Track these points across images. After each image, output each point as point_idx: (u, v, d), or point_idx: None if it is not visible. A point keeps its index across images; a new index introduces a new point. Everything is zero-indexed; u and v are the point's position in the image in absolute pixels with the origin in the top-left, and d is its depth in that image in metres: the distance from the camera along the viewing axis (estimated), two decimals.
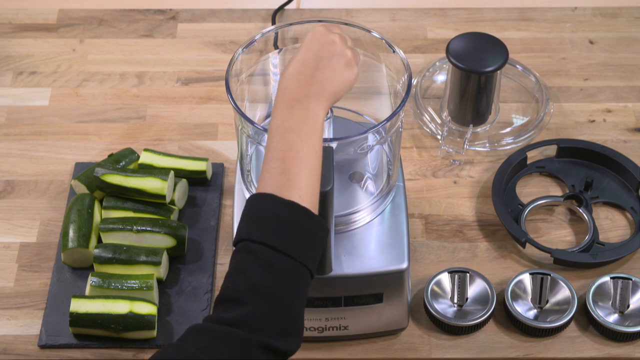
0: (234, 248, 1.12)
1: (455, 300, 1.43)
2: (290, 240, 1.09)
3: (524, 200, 1.55)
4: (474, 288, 1.44)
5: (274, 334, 1.05)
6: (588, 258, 1.46)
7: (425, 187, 1.59)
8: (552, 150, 1.61)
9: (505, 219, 1.49)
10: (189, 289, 1.46)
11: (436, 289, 1.43)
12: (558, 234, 1.52)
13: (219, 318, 1.06)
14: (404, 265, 1.33)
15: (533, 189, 1.58)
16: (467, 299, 1.43)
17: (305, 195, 1.11)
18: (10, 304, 1.46)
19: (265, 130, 1.25)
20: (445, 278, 1.44)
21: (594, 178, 1.57)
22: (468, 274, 1.44)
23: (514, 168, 1.57)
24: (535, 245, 1.46)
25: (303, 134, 1.12)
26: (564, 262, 1.47)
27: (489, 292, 1.42)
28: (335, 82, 1.16)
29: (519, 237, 1.47)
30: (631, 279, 1.43)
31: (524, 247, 1.47)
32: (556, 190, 1.58)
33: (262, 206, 1.11)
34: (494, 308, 1.41)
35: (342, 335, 1.40)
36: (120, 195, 1.52)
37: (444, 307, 1.42)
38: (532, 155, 1.60)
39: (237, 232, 1.12)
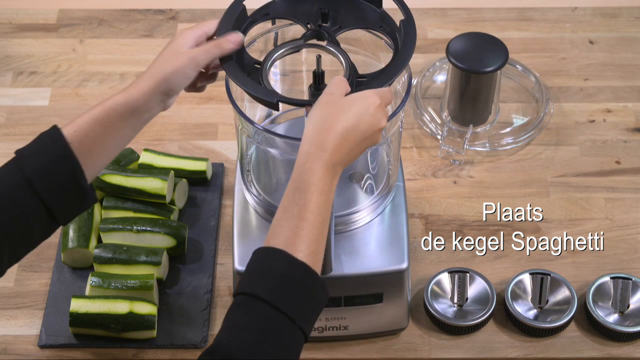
0: (233, 298, 1.08)
1: (455, 300, 1.43)
2: (295, 302, 1.06)
3: (260, 57, 1.28)
4: (474, 288, 1.44)
5: None
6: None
7: (425, 187, 1.59)
8: None
9: (246, 84, 1.20)
10: (189, 289, 1.46)
11: (436, 289, 1.43)
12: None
13: None
14: (404, 265, 1.33)
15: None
16: (467, 299, 1.43)
17: (316, 259, 1.10)
18: (10, 304, 1.46)
19: (265, 130, 1.25)
20: (445, 278, 1.44)
21: (329, 8, 1.28)
22: (468, 274, 1.44)
23: (237, 22, 1.27)
24: (289, 102, 1.20)
25: (328, 197, 1.12)
26: None
27: (489, 292, 1.42)
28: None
29: (269, 98, 1.19)
30: (631, 279, 1.43)
31: (277, 108, 1.20)
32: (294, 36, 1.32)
33: (272, 262, 1.08)
34: (494, 308, 1.41)
35: (342, 335, 1.39)
36: (120, 195, 1.52)
37: (444, 307, 1.42)
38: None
39: (240, 284, 1.08)
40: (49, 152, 1.16)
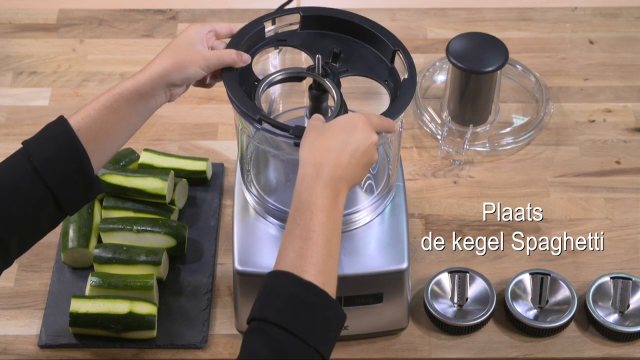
0: (247, 325, 1.08)
1: (455, 300, 1.43)
2: (305, 323, 1.06)
3: (261, 76, 1.31)
4: (474, 288, 1.44)
5: None
6: None
7: (425, 187, 1.60)
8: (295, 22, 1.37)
9: (237, 97, 1.25)
10: (189, 289, 1.46)
11: (436, 289, 1.44)
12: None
13: None
14: (404, 265, 1.33)
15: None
16: (467, 299, 1.43)
17: (326, 279, 1.09)
18: (10, 304, 1.46)
19: (265, 130, 1.25)
20: (445, 278, 1.44)
21: (343, 50, 1.33)
22: (468, 274, 1.44)
23: (250, 40, 1.32)
24: (273, 124, 1.23)
25: (332, 215, 1.12)
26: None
27: (489, 292, 1.42)
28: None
29: (253, 114, 1.23)
30: (631, 279, 1.43)
31: (260, 124, 1.23)
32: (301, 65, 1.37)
33: (278, 285, 1.08)
34: (494, 308, 1.41)
35: (342, 335, 1.39)
36: (120, 195, 1.52)
37: (444, 307, 1.42)
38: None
39: (251, 310, 1.08)
40: (56, 142, 1.17)
